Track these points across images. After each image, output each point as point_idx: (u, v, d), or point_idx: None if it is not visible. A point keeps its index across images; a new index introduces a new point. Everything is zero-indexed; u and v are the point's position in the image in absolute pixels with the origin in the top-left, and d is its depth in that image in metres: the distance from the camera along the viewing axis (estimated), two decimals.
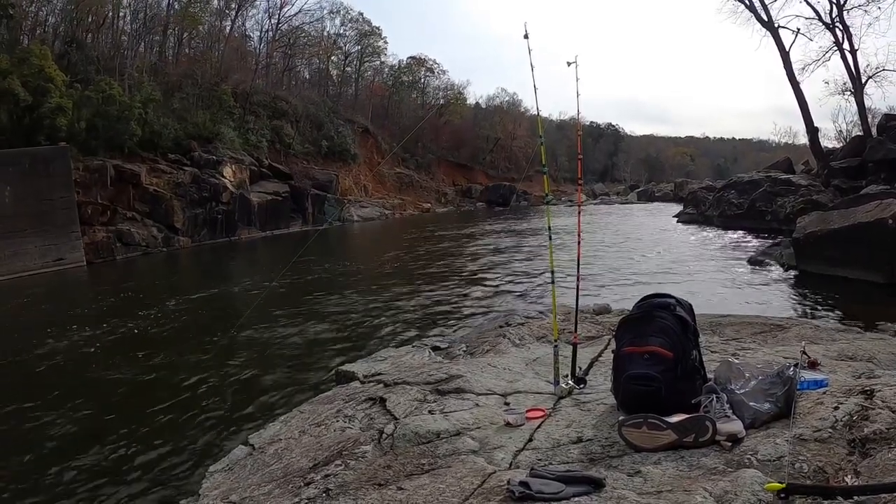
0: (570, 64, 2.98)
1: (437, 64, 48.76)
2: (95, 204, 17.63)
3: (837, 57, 19.60)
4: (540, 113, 3.64)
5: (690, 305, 2.37)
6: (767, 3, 20.65)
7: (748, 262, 12.34)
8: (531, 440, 2.13)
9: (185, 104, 24.21)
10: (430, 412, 2.51)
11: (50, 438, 4.90)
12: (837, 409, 1.85)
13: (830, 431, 1.74)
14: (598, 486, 1.65)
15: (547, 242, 3.05)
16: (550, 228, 3.07)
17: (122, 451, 4.58)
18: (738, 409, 1.92)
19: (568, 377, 2.71)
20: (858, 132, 19.97)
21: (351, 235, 25.92)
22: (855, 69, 19.28)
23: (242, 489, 2.25)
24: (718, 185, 24.81)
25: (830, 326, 4.37)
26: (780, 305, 8.51)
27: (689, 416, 1.90)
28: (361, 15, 42.03)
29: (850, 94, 20.26)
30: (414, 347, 4.26)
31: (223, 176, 22.58)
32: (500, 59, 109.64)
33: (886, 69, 19.12)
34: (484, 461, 1.98)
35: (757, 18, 20.89)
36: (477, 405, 2.54)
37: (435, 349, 4.17)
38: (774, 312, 6.76)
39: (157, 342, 7.90)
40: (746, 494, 1.47)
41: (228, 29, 32.34)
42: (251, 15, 39.39)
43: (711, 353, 2.99)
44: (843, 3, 19.05)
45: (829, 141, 23.50)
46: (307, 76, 41.08)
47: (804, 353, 2.38)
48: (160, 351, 7.42)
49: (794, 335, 3.42)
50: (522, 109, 51.72)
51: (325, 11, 41.77)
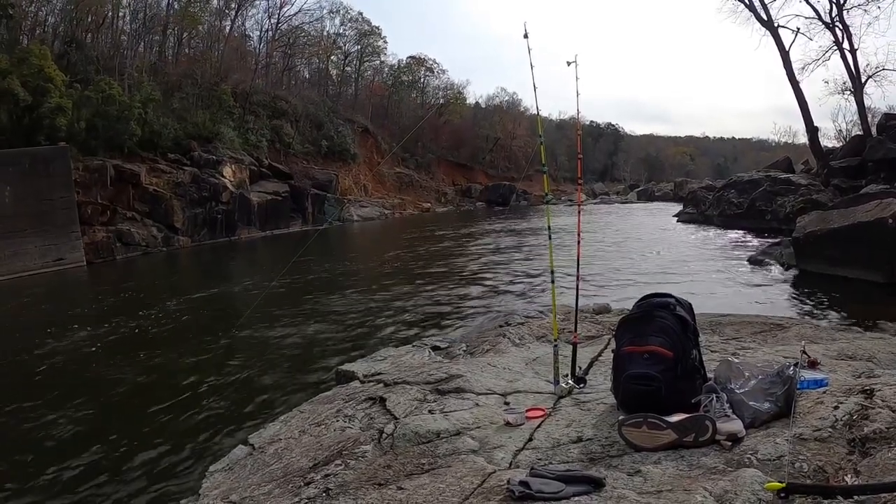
0: (569, 63, 2.98)
1: (436, 63, 48.79)
2: (95, 204, 17.62)
3: (837, 56, 19.66)
4: (540, 112, 3.65)
5: (690, 305, 2.37)
6: (767, 2, 20.70)
7: (748, 261, 12.35)
8: (531, 440, 2.13)
9: (184, 104, 24.20)
10: (430, 412, 2.51)
11: (50, 438, 4.90)
12: (837, 408, 1.85)
13: (830, 431, 1.74)
14: (598, 485, 1.65)
15: (547, 242, 3.05)
16: (550, 228, 3.06)
17: (122, 450, 4.59)
18: (738, 408, 1.92)
19: (568, 377, 2.71)
20: (858, 132, 19.99)
21: (351, 235, 25.91)
22: (855, 69, 19.31)
23: (242, 489, 2.25)
24: (718, 184, 24.83)
25: (830, 326, 4.37)
26: (779, 305, 8.52)
27: (689, 415, 1.90)
28: (361, 14, 42.08)
29: (849, 93, 20.30)
30: (414, 347, 4.26)
31: (223, 176, 22.58)
32: (499, 58, 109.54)
33: (886, 68, 19.19)
34: (484, 461, 1.98)
35: (756, 18, 20.92)
36: (477, 405, 2.54)
37: (435, 349, 4.17)
38: (774, 312, 6.75)
39: (157, 342, 7.90)
40: (746, 494, 1.47)
41: (228, 29, 32.35)
42: (251, 15, 39.42)
43: (711, 352, 2.99)
44: (842, 2, 19.07)
45: (828, 140, 23.57)
46: (307, 76, 41.07)
47: (804, 352, 2.38)
48: (160, 351, 7.42)
49: (793, 334, 3.42)
50: (522, 109, 51.81)
51: (324, 11, 41.85)
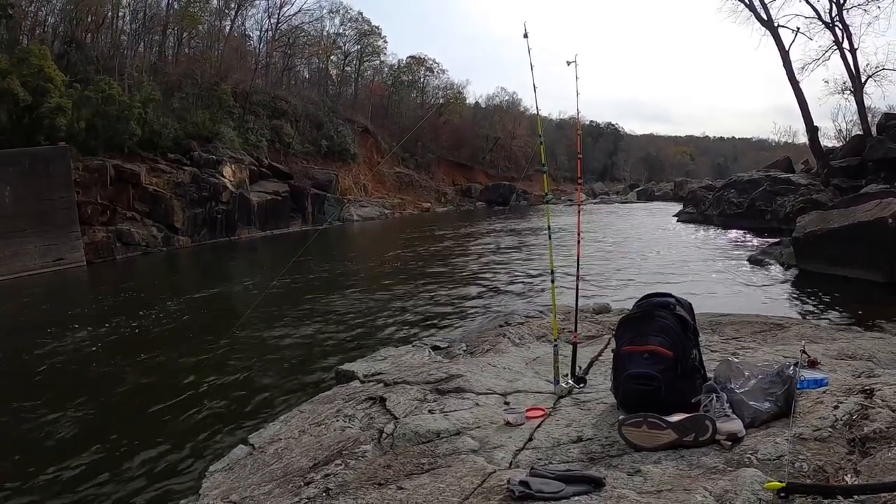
0: (569, 63, 2.98)
1: (436, 63, 48.77)
2: (95, 204, 17.62)
3: (837, 56, 19.66)
4: (539, 112, 3.66)
5: (690, 304, 2.37)
6: (767, 2, 20.70)
7: (748, 261, 12.35)
8: (531, 439, 2.13)
9: (184, 104, 24.19)
10: (430, 412, 2.51)
11: (50, 438, 4.90)
12: (837, 408, 1.85)
13: (830, 430, 1.73)
14: (598, 485, 1.65)
15: (546, 242, 3.05)
16: (550, 228, 3.06)
17: (122, 450, 4.59)
18: (737, 408, 1.92)
19: (568, 376, 2.71)
20: (858, 131, 19.99)
21: (351, 235, 25.91)
22: (854, 68, 19.30)
23: (242, 489, 2.25)
24: (718, 184, 24.81)
25: (830, 325, 4.38)
26: (779, 304, 8.52)
27: (688, 415, 1.90)
28: (361, 14, 42.08)
29: (849, 93, 20.29)
30: (414, 347, 4.26)
31: (223, 175, 22.57)
32: (499, 58, 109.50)
33: (886, 68, 19.18)
34: (484, 460, 1.98)
35: (756, 18, 20.92)
36: (477, 404, 2.54)
37: (435, 348, 4.17)
38: (774, 311, 6.74)
39: (157, 342, 7.90)
40: (746, 493, 1.47)
41: (228, 28, 32.33)
42: (251, 14, 39.37)
43: (711, 352, 2.99)
44: (842, 2, 19.07)
45: (828, 140, 23.57)
46: (307, 76, 41.06)
47: (804, 352, 2.38)
48: (160, 351, 7.42)
49: (793, 334, 3.42)
50: (522, 109, 51.75)
51: (324, 11, 41.86)
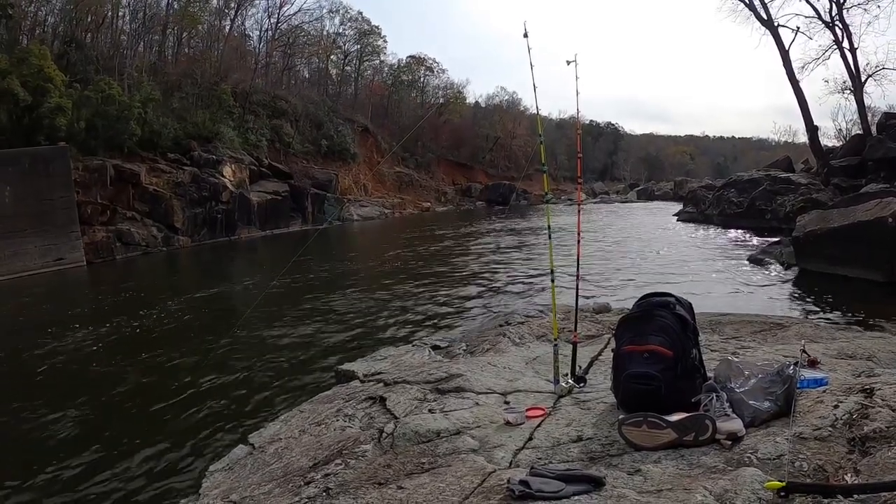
0: (569, 63, 2.98)
1: (436, 63, 48.77)
2: (95, 204, 17.62)
3: (837, 55, 19.67)
4: (539, 112, 3.66)
5: (690, 304, 2.37)
6: (767, 1, 20.71)
7: (748, 260, 12.35)
8: (531, 439, 2.13)
9: (184, 104, 24.18)
10: (430, 411, 2.51)
11: (50, 437, 4.90)
12: (837, 407, 1.85)
13: (830, 430, 1.73)
14: (598, 484, 1.65)
15: (546, 241, 3.05)
16: (550, 227, 3.06)
17: (122, 449, 4.59)
18: (737, 407, 1.92)
19: (568, 376, 2.71)
20: (858, 131, 19.98)
21: (351, 235, 25.90)
22: (854, 68, 19.31)
23: (242, 488, 2.25)
24: (718, 183, 24.79)
25: (830, 325, 4.38)
26: (779, 304, 8.52)
27: (688, 414, 1.90)
28: (361, 14, 42.07)
29: (849, 92, 20.28)
30: (414, 346, 4.25)
31: (223, 175, 22.56)
32: (499, 58, 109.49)
33: (886, 68, 19.17)
34: (484, 460, 1.98)
35: (756, 17, 20.94)
36: (477, 404, 2.54)
37: (435, 348, 4.17)
38: (774, 311, 6.76)
39: (157, 342, 7.90)
40: (746, 493, 1.46)
41: (228, 28, 32.33)
42: (250, 14, 39.31)
43: (711, 351, 2.98)
44: (842, 1, 19.08)
45: (828, 139, 23.50)
46: (307, 75, 41.05)
47: (804, 351, 2.38)
48: (161, 350, 7.42)
49: (793, 334, 3.42)
50: (522, 108, 51.72)
51: (324, 10, 41.95)
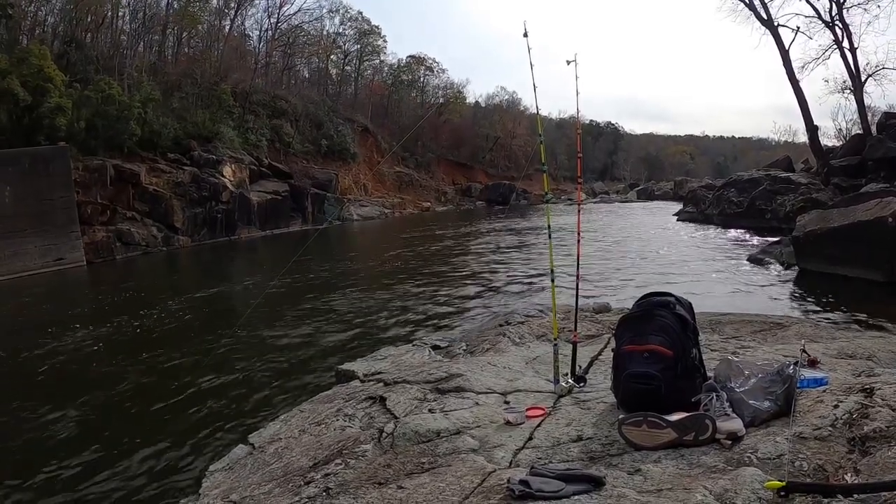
0: (569, 62, 2.98)
1: (436, 63, 48.78)
2: (95, 204, 17.62)
3: (837, 55, 19.65)
4: (539, 111, 3.66)
5: (690, 304, 2.37)
6: (767, 1, 20.69)
7: (748, 260, 12.35)
8: (531, 439, 2.13)
9: (184, 104, 24.18)
10: (430, 411, 2.51)
11: (50, 437, 4.90)
12: (837, 407, 1.85)
13: (830, 429, 1.73)
14: (598, 484, 1.65)
15: (546, 241, 3.05)
16: (550, 227, 3.06)
17: (122, 449, 4.59)
18: (737, 407, 1.92)
19: (568, 376, 2.71)
20: (858, 130, 19.96)
21: (351, 234, 25.90)
22: (854, 67, 19.30)
23: (243, 488, 2.25)
24: (718, 183, 24.80)
25: (830, 324, 4.38)
26: (779, 304, 8.52)
27: (688, 414, 1.90)
28: (361, 14, 42.06)
29: (849, 92, 20.27)
30: (414, 346, 4.26)
31: (223, 175, 22.56)
32: (499, 58, 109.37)
33: (886, 67, 19.16)
34: (484, 460, 1.98)
35: (756, 17, 20.92)
36: (477, 404, 2.54)
37: (435, 348, 4.17)
38: (774, 311, 6.76)
39: (157, 342, 7.90)
40: (746, 493, 1.46)
41: (228, 28, 32.32)
42: (250, 14, 39.36)
43: (711, 351, 2.99)
44: (842, 1, 19.06)
45: (828, 139, 23.48)
46: (306, 75, 41.05)
47: (804, 351, 2.38)
48: (161, 350, 7.42)
49: (793, 333, 3.42)
50: (522, 108, 51.78)
51: (324, 10, 41.80)
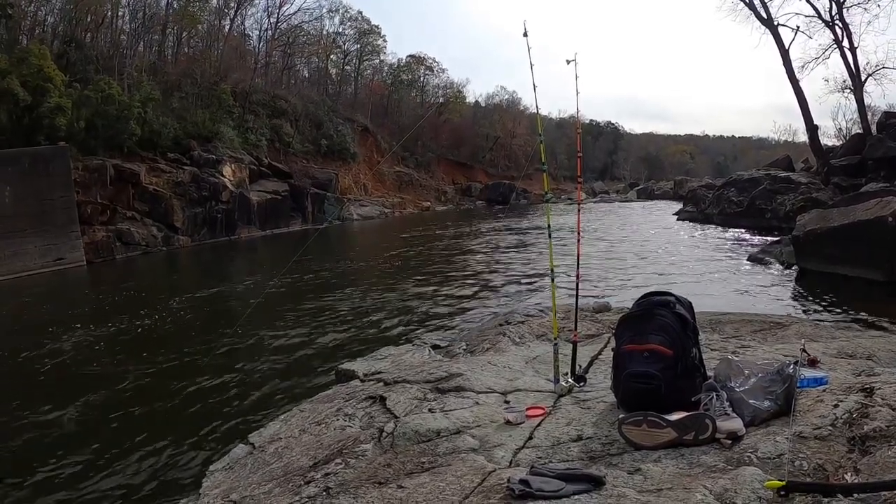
0: (569, 62, 2.98)
1: (436, 62, 48.86)
2: (95, 203, 17.62)
3: (837, 55, 19.66)
4: (539, 111, 3.67)
5: (690, 303, 2.37)
6: (767, 0, 20.68)
7: (748, 259, 12.34)
8: (531, 438, 2.13)
9: (184, 103, 24.19)
10: (430, 410, 2.51)
11: (51, 437, 4.91)
12: (837, 406, 1.85)
13: (830, 429, 1.73)
14: (598, 483, 1.65)
15: (546, 240, 3.05)
16: (550, 226, 3.06)
17: (122, 449, 4.59)
18: (737, 406, 1.92)
19: (568, 375, 2.71)
20: (858, 130, 19.97)
21: (351, 234, 25.90)
22: (854, 67, 19.30)
23: (243, 488, 2.25)
24: (718, 183, 24.78)
25: (830, 324, 4.38)
26: (779, 303, 8.52)
27: (688, 413, 1.90)
28: (360, 13, 42.11)
29: (849, 91, 20.29)
30: (414, 346, 4.26)
31: (223, 175, 22.58)
32: (499, 57, 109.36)
33: (886, 67, 19.18)
34: (484, 459, 1.98)
35: (756, 16, 20.93)
36: (477, 403, 2.54)
37: (435, 347, 4.18)
38: (774, 310, 6.76)
39: (157, 341, 7.90)
40: (746, 492, 1.46)
41: (227, 28, 32.34)
42: (250, 14, 39.50)
43: (711, 350, 2.99)
44: (842, 0, 19.05)
45: (828, 139, 23.50)
46: (306, 75, 41.07)
47: (804, 350, 2.38)
48: (161, 350, 7.42)
49: (793, 333, 3.42)
50: (522, 108, 51.86)
51: (324, 10, 41.89)
